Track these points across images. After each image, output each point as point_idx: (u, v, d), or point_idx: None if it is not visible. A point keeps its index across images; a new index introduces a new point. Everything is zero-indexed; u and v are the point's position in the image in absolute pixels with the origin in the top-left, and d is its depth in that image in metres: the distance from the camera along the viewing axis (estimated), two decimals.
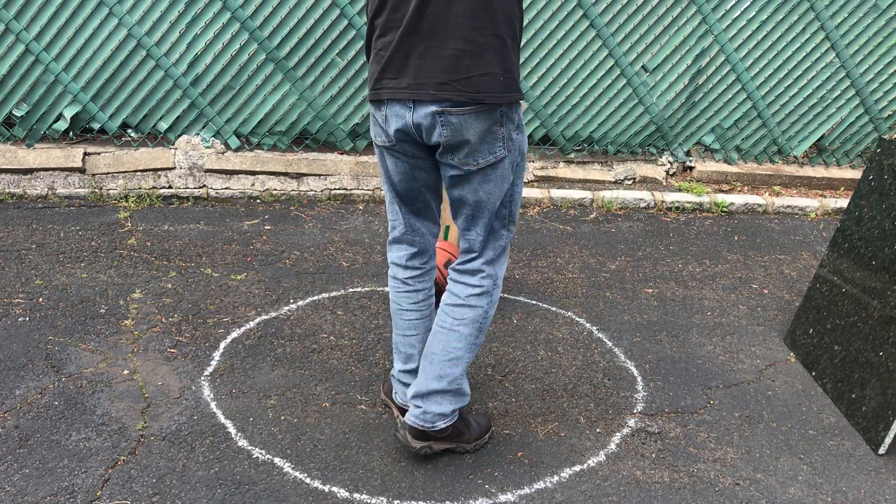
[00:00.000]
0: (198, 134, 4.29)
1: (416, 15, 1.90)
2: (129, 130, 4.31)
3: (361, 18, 4.14)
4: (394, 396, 2.43)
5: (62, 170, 4.07)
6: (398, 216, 2.26)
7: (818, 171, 4.99)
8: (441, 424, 2.23)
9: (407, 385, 2.38)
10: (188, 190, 4.18)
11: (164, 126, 4.26)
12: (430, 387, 2.21)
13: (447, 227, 3.13)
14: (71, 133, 4.23)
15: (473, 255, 2.19)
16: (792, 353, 3.05)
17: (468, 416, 2.38)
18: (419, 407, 2.22)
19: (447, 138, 1.98)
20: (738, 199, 4.59)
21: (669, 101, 4.69)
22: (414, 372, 2.37)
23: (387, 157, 2.14)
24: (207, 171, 4.22)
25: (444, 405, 2.22)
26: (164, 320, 2.95)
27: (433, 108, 1.95)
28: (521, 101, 2.03)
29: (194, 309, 3.05)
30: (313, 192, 4.28)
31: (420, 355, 2.34)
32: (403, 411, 2.39)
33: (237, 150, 4.32)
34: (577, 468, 2.32)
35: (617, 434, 2.50)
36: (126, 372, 2.63)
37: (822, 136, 5.03)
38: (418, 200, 2.21)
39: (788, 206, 4.65)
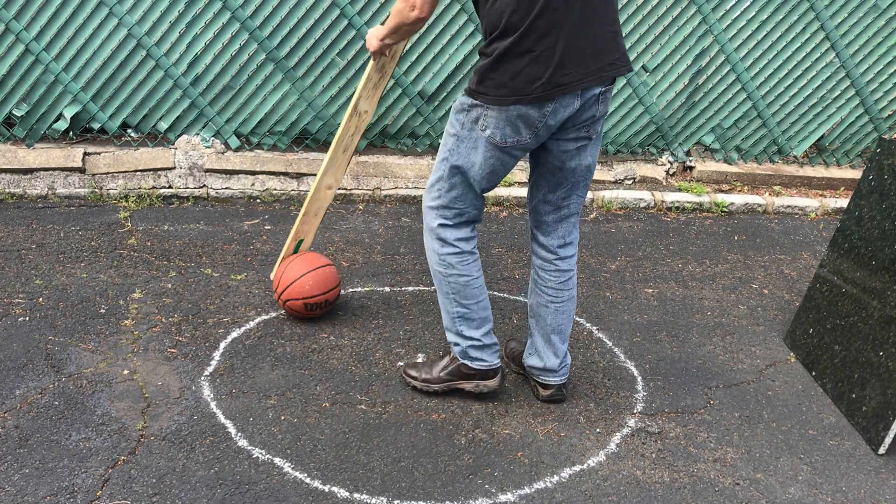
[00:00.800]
0: (198, 134, 4.29)
1: (583, 8, 2.09)
2: (129, 130, 4.31)
3: (362, 18, 4.14)
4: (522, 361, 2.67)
5: (62, 170, 4.07)
6: (476, 202, 2.39)
7: (818, 171, 4.99)
8: None
9: (490, 346, 2.51)
10: (188, 190, 4.18)
11: (164, 126, 4.26)
12: (564, 347, 2.56)
13: (300, 241, 3.07)
14: (71, 133, 4.23)
15: (571, 224, 2.45)
16: (792, 353, 3.05)
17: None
18: (564, 366, 2.57)
19: (601, 112, 2.26)
20: (738, 199, 4.59)
21: (669, 101, 4.69)
22: (492, 330, 2.52)
23: (505, 157, 2.26)
24: (207, 170, 4.22)
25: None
26: (164, 320, 2.95)
27: (599, 89, 2.20)
28: None
29: (194, 309, 3.05)
30: None
31: (489, 314, 2.50)
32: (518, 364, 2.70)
33: (237, 149, 4.32)
34: (577, 468, 2.32)
35: (617, 434, 2.50)
36: (126, 372, 2.63)
37: (822, 136, 5.03)
38: (497, 184, 2.40)
39: (788, 206, 4.65)
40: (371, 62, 2.70)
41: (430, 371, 2.60)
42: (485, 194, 2.41)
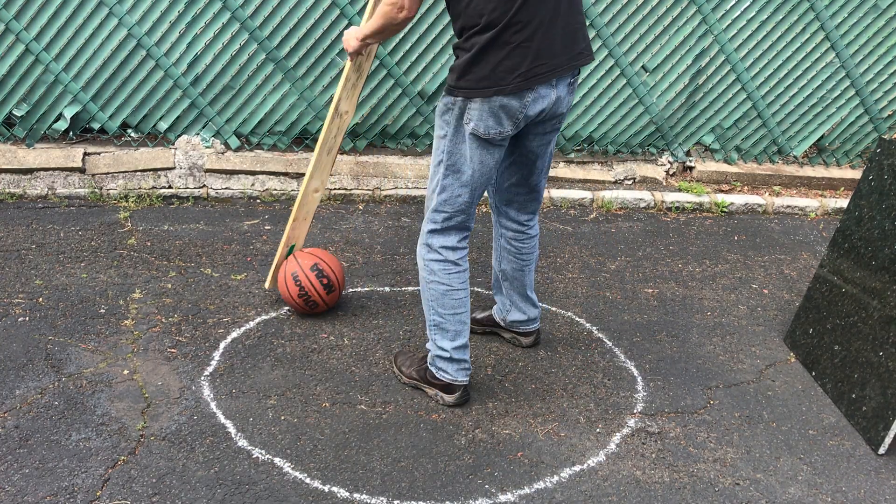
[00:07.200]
0: (198, 134, 4.29)
1: (556, 2, 2.21)
2: (129, 130, 4.31)
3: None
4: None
5: (62, 170, 4.07)
6: (466, 206, 2.41)
7: (818, 171, 4.98)
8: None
9: (458, 361, 2.50)
10: (188, 190, 4.18)
11: (164, 126, 4.25)
12: (535, 297, 2.85)
13: (292, 246, 3.05)
14: (71, 133, 4.23)
15: (538, 200, 2.66)
16: (792, 353, 3.05)
17: None
18: (539, 311, 2.88)
19: (569, 103, 2.41)
20: (738, 199, 4.59)
21: (669, 101, 4.69)
22: (465, 347, 2.51)
23: (490, 150, 2.34)
24: (207, 171, 4.22)
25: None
26: (164, 320, 2.95)
27: (569, 79, 2.34)
28: None
29: (194, 309, 3.05)
30: None
31: (467, 330, 2.51)
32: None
33: (237, 150, 4.32)
34: (577, 468, 2.32)
35: (617, 434, 2.50)
36: (126, 372, 2.63)
37: (822, 136, 5.03)
38: (489, 182, 2.48)
39: (788, 206, 4.65)
40: (348, 62, 2.77)
41: (409, 364, 2.67)
42: (477, 202, 2.46)
